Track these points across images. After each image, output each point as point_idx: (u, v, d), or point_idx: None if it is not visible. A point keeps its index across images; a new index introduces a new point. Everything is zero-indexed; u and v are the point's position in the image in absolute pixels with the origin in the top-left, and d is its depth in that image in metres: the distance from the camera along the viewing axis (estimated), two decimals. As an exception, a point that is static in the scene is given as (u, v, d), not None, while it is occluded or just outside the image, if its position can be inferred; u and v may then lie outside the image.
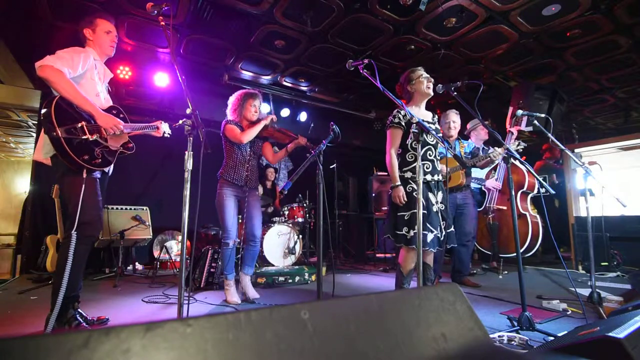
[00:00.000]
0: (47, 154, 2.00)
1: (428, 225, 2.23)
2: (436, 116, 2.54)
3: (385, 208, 5.27)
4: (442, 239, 2.30)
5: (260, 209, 2.97)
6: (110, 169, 2.24)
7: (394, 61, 4.39)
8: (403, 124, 2.36)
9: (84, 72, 2.08)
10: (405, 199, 2.27)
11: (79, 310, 2.06)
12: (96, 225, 2.05)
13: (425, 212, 2.23)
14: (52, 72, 1.89)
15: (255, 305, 2.73)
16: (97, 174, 2.09)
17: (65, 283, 1.90)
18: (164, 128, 2.37)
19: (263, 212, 4.16)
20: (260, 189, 4.54)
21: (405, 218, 2.27)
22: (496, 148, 3.01)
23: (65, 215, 2.06)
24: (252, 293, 2.83)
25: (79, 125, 1.96)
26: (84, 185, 1.97)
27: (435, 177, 2.38)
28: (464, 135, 4.33)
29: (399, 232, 2.27)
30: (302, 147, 2.74)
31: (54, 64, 1.90)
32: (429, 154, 2.37)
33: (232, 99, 2.95)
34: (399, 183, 2.31)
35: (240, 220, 3.11)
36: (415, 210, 2.17)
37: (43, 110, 1.92)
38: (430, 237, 2.22)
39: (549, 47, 3.99)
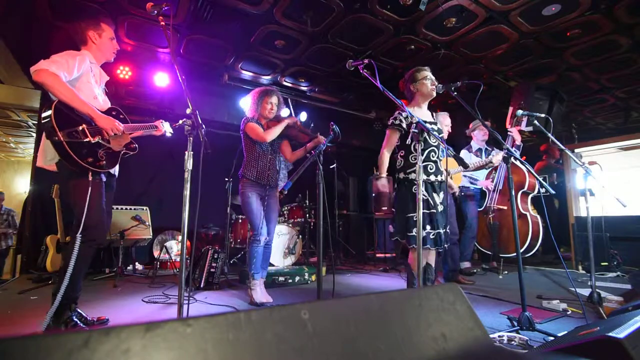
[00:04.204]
0: (52, 160, 1.99)
1: (436, 225, 2.28)
2: (435, 114, 2.57)
3: (385, 208, 5.28)
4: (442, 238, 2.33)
5: (277, 212, 2.99)
6: (116, 170, 2.23)
7: (394, 61, 4.39)
8: (404, 126, 2.38)
9: (80, 76, 2.06)
10: (385, 189, 2.42)
11: (77, 310, 2.06)
12: (101, 229, 2.04)
13: (434, 211, 2.30)
14: (47, 76, 1.87)
15: (256, 306, 2.73)
16: (103, 177, 2.09)
17: (66, 284, 1.89)
18: (165, 127, 2.37)
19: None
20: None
21: (415, 219, 2.28)
22: (495, 154, 3.04)
23: (70, 217, 2.06)
24: (266, 296, 2.83)
25: (80, 128, 1.96)
26: (90, 189, 1.96)
27: (439, 178, 2.40)
28: (464, 136, 4.34)
29: (409, 234, 2.29)
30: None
31: (49, 67, 1.88)
32: (432, 155, 2.38)
33: (248, 98, 2.96)
34: (383, 175, 2.49)
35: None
36: (422, 211, 2.22)
37: (43, 115, 1.91)
38: (440, 236, 2.28)
39: (549, 47, 3.99)
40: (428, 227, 2.28)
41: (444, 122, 3.46)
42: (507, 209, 4.00)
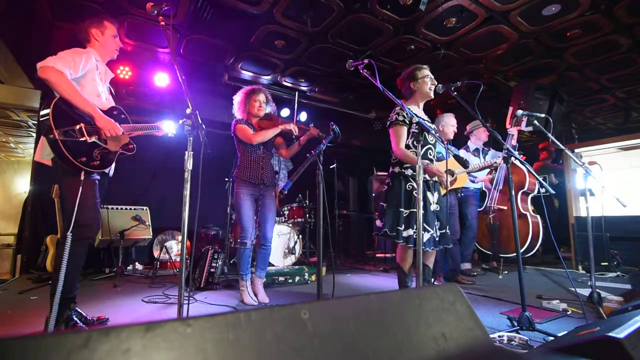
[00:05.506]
0: (48, 155, 2.00)
1: (425, 225, 2.22)
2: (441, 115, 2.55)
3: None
4: (437, 239, 2.29)
5: (274, 212, 2.94)
6: (111, 170, 2.23)
7: (394, 61, 4.39)
8: (407, 121, 2.34)
9: (85, 73, 2.08)
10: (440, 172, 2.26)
11: (76, 309, 2.06)
12: (93, 228, 2.05)
13: (423, 211, 2.22)
14: (53, 73, 1.89)
15: (256, 306, 2.73)
16: (96, 176, 2.09)
17: (61, 284, 1.89)
18: (168, 128, 2.36)
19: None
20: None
21: (404, 215, 2.25)
22: (497, 159, 3.06)
23: (63, 215, 2.06)
24: (263, 297, 2.82)
25: (78, 127, 1.96)
26: (81, 187, 1.96)
27: (434, 177, 2.38)
28: (463, 136, 4.34)
29: (399, 228, 2.24)
30: (314, 137, 2.71)
31: (55, 65, 1.90)
32: (429, 153, 2.37)
33: (237, 98, 2.95)
34: (427, 162, 2.30)
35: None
36: (413, 210, 2.18)
37: (42, 112, 1.92)
38: (426, 236, 2.21)
39: (549, 47, 3.99)
40: (415, 226, 2.19)
41: (450, 122, 3.48)
42: (507, 209, 4.00)
